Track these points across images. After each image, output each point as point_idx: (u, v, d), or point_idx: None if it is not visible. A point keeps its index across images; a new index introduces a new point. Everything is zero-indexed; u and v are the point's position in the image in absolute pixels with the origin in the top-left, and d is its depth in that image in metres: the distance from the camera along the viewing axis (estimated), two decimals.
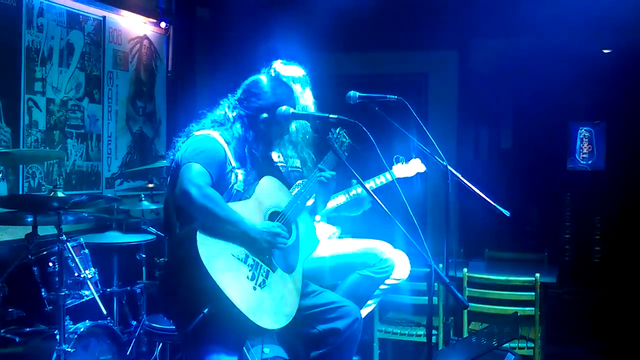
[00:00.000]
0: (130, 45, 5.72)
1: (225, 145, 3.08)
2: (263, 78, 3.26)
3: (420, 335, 4.82)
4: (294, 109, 3.25)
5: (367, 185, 3.93)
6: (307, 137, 3.78)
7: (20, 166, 4.59)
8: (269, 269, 3.00)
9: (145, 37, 5.92)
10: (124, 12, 5.63)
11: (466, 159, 6.96)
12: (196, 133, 3.12)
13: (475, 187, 3.42)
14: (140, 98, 5.86)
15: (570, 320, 5.75)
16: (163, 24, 6.05)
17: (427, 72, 7.11)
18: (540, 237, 6.68)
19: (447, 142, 6.71)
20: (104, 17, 5.42)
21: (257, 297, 2.89)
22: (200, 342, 2.93)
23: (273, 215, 3.14)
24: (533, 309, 4.55)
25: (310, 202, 3.48)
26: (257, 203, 3.09)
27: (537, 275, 4.54)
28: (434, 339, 4.55)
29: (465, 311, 4.68)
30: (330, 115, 3.23)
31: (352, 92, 3.36)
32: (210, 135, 3.09)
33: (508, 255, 5.78)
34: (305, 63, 3.96)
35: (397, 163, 4.13)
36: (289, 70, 3.87)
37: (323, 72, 6.34)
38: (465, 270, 4.74)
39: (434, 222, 6.82)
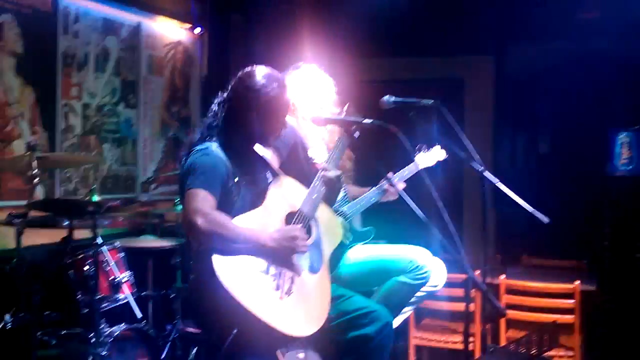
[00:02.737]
0: (165, 51, 5.76)
1: (224, 156, 2.95)
2: (255, 73, 3.05)
3: (456, 343, 4.75)
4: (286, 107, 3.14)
5: (394, 180, 3.89)
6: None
7: (57, 170, 4.63)
8: (293, 274, 2.89)
9: (180, 42, 5.95)
10: (159, 18, 5.68)
11: (503, 164, 6.88)
12: (196, 149, 2.96)
13: (512, 193, 3.36)
14: (175, 103, 5.89)
15: (611, 329, 5.62)
16: (197, 30, 6.09)
17: (463, 78, 7.04)
18: (579, 244, 6.55)
19: (483, 148, 6.64)
20: (139, 23, 5.47)
21: (285, 307, 2.79)
22: (232, 353, 2.87)
23: (290, 217, 3.03)
24: (573, 317, 4.46)
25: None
26: (271, 208, 2.99)
27: (577, 282, 4.45)
28: (470, 346, 4.50)
29: (503, 318, 4.61)
30: (363, 120, 3.19)
31: (386, 97, 3.32)
32: (207, 150, 2.94)
33: (546, 262, 5.68)
34: (340, 68, 3.94)
35: (418, 153, 4.08)
36: (301, 72, 3.85)
37: (357, 77, 6.36)
38: (502, 277, 4.66)
39: (470, 228, 6.74)
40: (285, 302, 2.81)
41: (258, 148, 3.19)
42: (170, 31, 5.84)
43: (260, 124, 3.04)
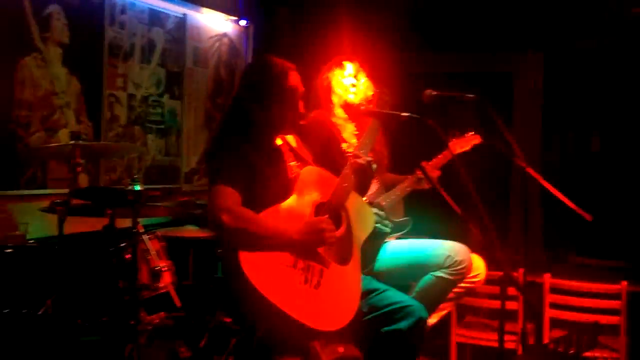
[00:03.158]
0: (210, 43, 5.79)
1: (248, 148, 2.95)
2: (263, 62, 3.08)
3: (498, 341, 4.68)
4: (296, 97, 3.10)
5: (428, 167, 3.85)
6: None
7: (101, 160, 4.70)
8: (322, 267, 2.85)
9: (226, 34, 5.97)
10: (205, 10, 5.71)
11: (552, 162, 6.75)
12: (219, 144, 3.01)
13: (562, 191, 3.29)
14: (220, 95, 5.92)
15: None
16: (243, 22, 6.11)
17: (511, 73, 6.93)
18: (632, 244, 6.39)
19: (532, 145, 6.54)
20: (185, 15, 5.51)
21: (315, 301, 2.76)
22: (264, 347, 2.86)
23: (320, 207, 2.99)
24: (618, 317, 4.36)
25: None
26: (299, 198, 2.96)
27: (624, 282, 4.35)
28: (512, 345, 4.43)
29: (546, 318, 4.53)
30: (402, 114, 3.15)
31: (428, 91, 3.28)
32: (232, 142, 2.96)
33: (594, 261, 5.57)
34: (385, 61, 3.90)
35: (452, 139, 4.02)
36: (339, 63, 3.83)
37: (403, 71, 6.31)
38: (547, 275, 4.58)
39: (517, 226, 6.63)
40: (314, 296, 2.78)
41: (283, 139, 3.18)
42: (215, 23, 5.87)
43: (273, 112, 3.03)
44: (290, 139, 3.26)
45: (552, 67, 6.64)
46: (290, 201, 2.94)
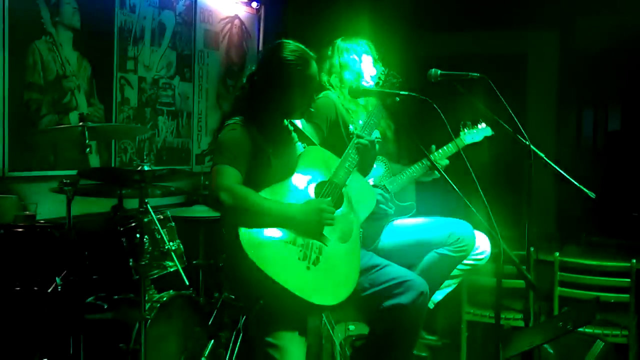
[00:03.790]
0: (221, 25, 5.82)
1: (252, 129, 3.00)
2: (282, 47, 3.07)
3: (509, 319, 4.70)
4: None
5: (437, 156, 3.87)
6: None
7: (113, 141, 4.77)
8: (321, 243, 2.90)
9: (237, 16, 6.00)
10: None
11: (568, 142, 6.71)
12: (227, 122, 3.04)
13: (577, 171, 3.29)
14: (231, 77, 5.96)
15: None
16: (254, 4, 6.14)
17: (526, 52, 6.87)
18: None
19: (546, 125, 6.51)
20: None
21: (312, 277, 2.82)
22: (262, 321, 2.92)
23: (320, 186, 3.05)
24: (628, 295, 4.36)
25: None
26: (301, 178, 3.02)
27: (634, 260, 4.34)
28: (522, 323, 4.44)
29: (557, 296, 4.54)
30: (401, 92, 3.17)
31: (432, 70, 3.30)
32: (235, 124, 3.00)
33: (607, 240, 5.55)
34: (399, 43, 3.91)
35: (463, 129, 4.04)
36: (346, 43, 3.85)
37: (416, 53, 6.29)
38: (557, 254, 4.58)
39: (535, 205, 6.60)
40: (312, 272, 2.83)
41: (290, 121, 3.23)
42: (226, 5, 5.90)
43: (287, 98, 3.07)
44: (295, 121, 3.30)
45: (569, 45, 6.58)
46: (292, 179, 3.00)
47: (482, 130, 4.08)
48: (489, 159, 4.27)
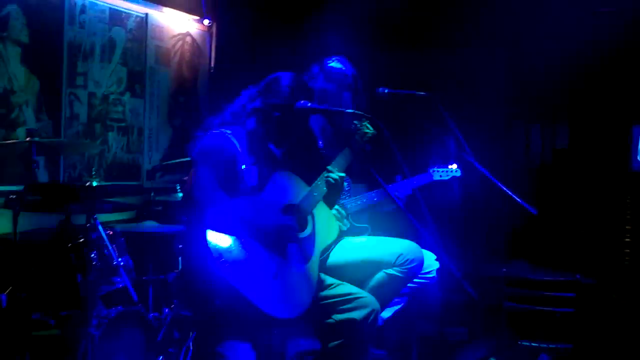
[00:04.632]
0: (172, 42, 5.83)
1: (236, 142, 3.12)
2: (286, 76, 3.28)
3: (457, 334, 4.77)
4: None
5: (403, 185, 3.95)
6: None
7: (61, 157, 4.74)
8: (282, 260, 3.02)
9: (188, 34, 6.01)
10: (167, 10, 5.74)
11: (515, 158, 6.82)
12: (211, 131, 3.18)
13: (500, 183, 3.37)
14: (183, 93, 5.96)
15: (611, 324, 5.58)
16: (206, 21, 6.14)
17: (475, 69, 6.96)
18: (598, 239, 6.46)
19: (494, 141, 6.60)
20: (147, 14, 5.54)
21: (269, 288, 2.91)
22: (214, 329, 2.97)
23: (287, 208, 3.16)
24: (573, 309, 4.46)
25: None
26: (270, 197, 3.12)
27: (578, 275, 4.45)
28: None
29: (504, 312, 4.62)
30: (347, 110, 3.24)
31: (380, 88, 3.36)
32: (221, 133, 3.14)
33: (554, 256, 5.65)
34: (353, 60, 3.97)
35: (434, 166, 4.14)
36: (328, 64, 3.90)
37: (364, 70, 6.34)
38: (504, 269, 4.68)
39: (477, 225, 6.69)
40: (269, 284, 2.93)
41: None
42: (178, 22, 5.91)
43: (281, 125, 3.24)
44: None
45: (516, 62, 6.70)
46: (262, 197, 3.11)
47: (452, 171, 4.17)
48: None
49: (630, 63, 5.95)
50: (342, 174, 3.34)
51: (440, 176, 4.15)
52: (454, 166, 4.18)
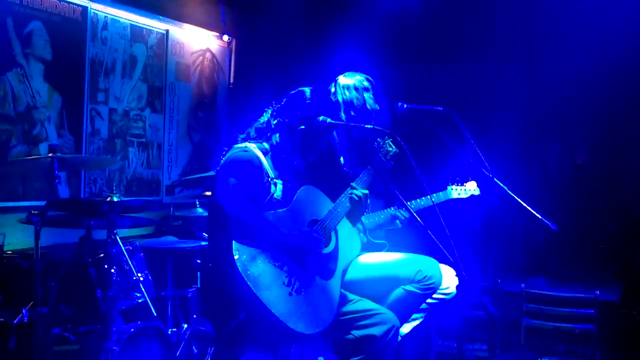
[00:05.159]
0: (192, 58, 5.89)
1: (262, 155, 3.17)
2: (307, 90, 3.32)
3: (477, 350, 4.75)
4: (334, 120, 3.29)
5: (422, 202, 3.95)
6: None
7: (82, 172, 4.78)
8: (305, 275, 3.04)
9: (208, 50, 6.07)
10: (187, 26, 5.81)
11: (533, 174, 6.80)
12: (237, 145, 3.22)
13: (521, 200, 3.35)
14: (202, 109, 6.01)
15: (631, 340, 5.53)
16: (226, 37, 6.20)
17: (495, 86, 6.96)
18: (617, 255, 6.41)
19: (510, 158, 6.58)
20: (167, 31, 5.61)
21: (292, 303, 2.93)
22: (235, 342, 2.99)
23: (312, 224, 3.19)
24: (592, 326, 4.43)
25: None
26: (296, 211, 3.15)
27: (597, 292, 4.42)
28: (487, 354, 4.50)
29: (523, 327, 4.59)
30: (366, 125, 3.25)
31: (399, 103, 3.37)
32: (247, 146, 3.18)
33: (573, 272, 5.62)
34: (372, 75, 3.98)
35: (452, 184, 4.13)
36: (348, 80, 3.91)
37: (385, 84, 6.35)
38: (522, 285, 4.65)
39: (497, 241, 6.66)
40: (293, 299, 2.95)
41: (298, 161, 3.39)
42: (198, 39, 5.97)
43: (305, 139, 3.28)
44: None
45: (534, 79, 6.69)
46: (288, 211, 3.13)
47: (470, 191, 4.15)
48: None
49: None
50: (366, 191, 3.37)
51: (459, 194, 4.14)
52: (474, 184, 4.15)
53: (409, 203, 3.88)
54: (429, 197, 3.98)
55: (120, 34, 5.15)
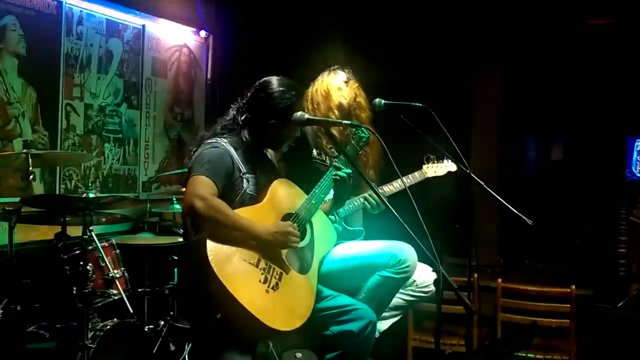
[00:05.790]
0: (169, 53, 5.85)
1: (232, 151, 3.10)
2: (273, 82, 3.22)
3: (454, 345, 4.77)
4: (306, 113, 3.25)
5: (396, 184, 3.94)
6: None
7: (57, 168, 4.74)
8: (282, 271, 3.01)
9: (185, 45, 6.04)
10: (163, 21, 5.77)
11: (511, 168, 6.84)
12: (206, 142, 3.14)
13: (497, 195, 3.37)
14: (179, 105, 5.98)
15: (606, 334, 5.58)
16: (203, 33, 6.17)
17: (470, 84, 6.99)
18: (593, 250, 6.47)
19: (490, 152, 6.61)
20: (144, 26, 5.57)
21: (270, 300, 2.90)
22: (214, 342, 2.96)
23: (286, 217, 3.15)
24: (568, 320, 4.46)
25: (326, 204, 3.50)
26: (270, 206, 3.12)
27: (573, 286, 4.45)
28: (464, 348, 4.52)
29: (499, 322, 4.62)
30: (344, 122, 3.24)
31: (377, 100, 3.36)
32: (217, 143, 3.10)
33: (549, 267, 5.66)
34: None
35: (427, 162, 4.11)
36: (331, 76, 3.91)
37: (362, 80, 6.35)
38: (499, 280, 4.68)
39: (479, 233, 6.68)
40: (270, 296, 2.91)
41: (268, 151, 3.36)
42: (175, 34, 5.93)
43: (276, 132, 3.20)
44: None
45: (510, 77, 6.73)
46: (261, 206, 3.09)
47: (447, 166, 4.13)
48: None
49: (623, 75, 5.98)
50: (349, 171, 3.34)
51: (435, 172, 4.12)
52: (449, 162, 4.13)
53: (383, 186, 3.86)
54: (404, 178, 3.96)
55: (95, 29, 5.10)
